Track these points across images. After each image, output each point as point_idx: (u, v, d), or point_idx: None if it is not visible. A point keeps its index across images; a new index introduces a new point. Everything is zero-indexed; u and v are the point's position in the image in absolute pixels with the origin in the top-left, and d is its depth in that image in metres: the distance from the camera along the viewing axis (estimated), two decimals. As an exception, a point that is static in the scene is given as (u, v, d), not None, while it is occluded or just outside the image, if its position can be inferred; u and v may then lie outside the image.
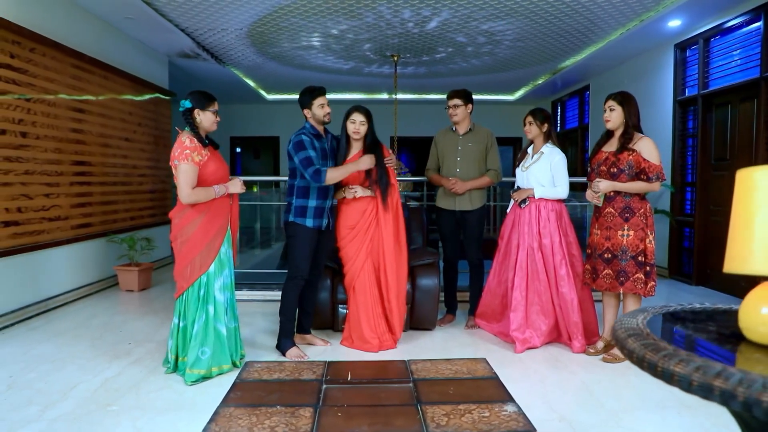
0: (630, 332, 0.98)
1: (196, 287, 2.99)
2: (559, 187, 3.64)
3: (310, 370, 1.89)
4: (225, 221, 3.07)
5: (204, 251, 2.97)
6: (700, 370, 0.81)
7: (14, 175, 4.10)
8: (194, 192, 2.92)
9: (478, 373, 1.86)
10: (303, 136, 3.36)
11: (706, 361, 0.79)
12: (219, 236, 3.02)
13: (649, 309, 1.10)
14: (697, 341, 0.98)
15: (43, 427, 2.46)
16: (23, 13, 4.18)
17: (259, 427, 1.45)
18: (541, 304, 3.60)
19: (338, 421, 1.48)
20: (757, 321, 0.95)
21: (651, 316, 1.03)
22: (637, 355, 0.92)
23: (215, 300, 3.01)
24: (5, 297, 4.03)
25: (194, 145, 2.94)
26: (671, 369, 0.83)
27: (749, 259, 0.94)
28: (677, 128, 6.05)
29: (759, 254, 0.93)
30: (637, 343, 0.93)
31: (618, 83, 7.34)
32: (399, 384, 1.77)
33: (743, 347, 0.97)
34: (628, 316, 1.05)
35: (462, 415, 1.50)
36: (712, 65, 5.54)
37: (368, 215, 3.56)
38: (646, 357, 0.89)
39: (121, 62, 5.79)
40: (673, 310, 1.13)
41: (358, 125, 3.50)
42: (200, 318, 2.96)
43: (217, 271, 3.01)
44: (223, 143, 11.42)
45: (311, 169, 3.29)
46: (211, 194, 2.96)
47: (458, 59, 7.51)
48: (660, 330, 1.01)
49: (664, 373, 0.85)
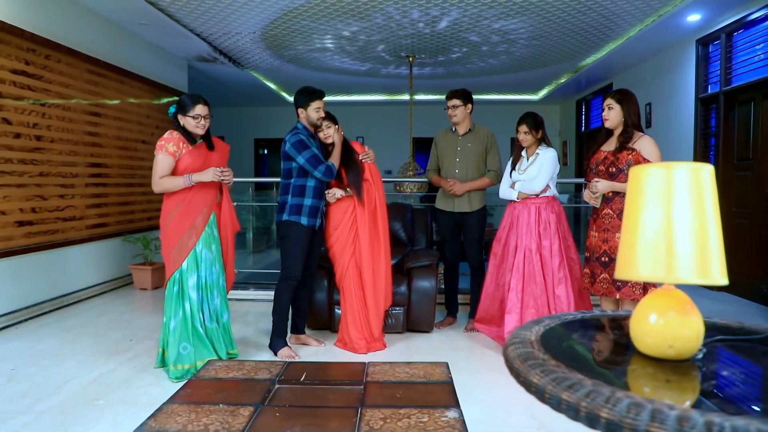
0: (518, 348, 0.94)
1: (171, 283, 3.03)
2: (536, 179, 3.54)
3: (268, 370, 1.89)
4: (200, 220, 3.06)
5: (176, 247, 3.00)
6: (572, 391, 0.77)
7: (29, 177, 4.28)
8: (161, 181, 2.97)
9: (434, 378, 1.82)
10: (300, 135, 3.38)
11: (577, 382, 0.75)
12: (192, 235, 3.03)
13: (544, 320, 1.05)
14: (585, 356, 0.93)
15: (30, 419, 2.56)
16: (39, 22, 4.36)
17: (194, 424, 1.47)
18: (537, 308, 3.51)
19: (274, 421, 1.49)
20: (645, 331, 0.90)
21: (545, 329, 0.99)
22: (516, 370, 0.88)
23: (190, 298, 3.03)
24: (19, 294, 4.20)
25: (171, 137, 2.99)
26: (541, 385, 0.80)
27: (635, 264, 0.88)
28: (699, 127, 5.81)
29: (644, 259, 0.87)
30: (524, 365, 0.89)
31: (641, 81, 7.11)
32: (350, 386, 1.76)
33: (634, 360, 0.92)
34: (522, 328, 1.01)
35: (399, 420, 1.48)
36: (734, 60, 5.31)
37: (350, 215, 3.56)
38: (520, 372, 0.85)
39: (139, 67, 5.96)
40: (572, 319, 1.08)
41: (328, 130, 3.51)
42: (177, 314, 3.01)
43: (191, 269, 3.02)
44: (247, 145, 11.64)
45: (322, 166, 3.35)
46: (178, 183, 2.96)
47: (475, 59, 7.43)
48: (554, 343, 0.96)
49: (535, 390, 0.82)
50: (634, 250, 0.88)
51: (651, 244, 0.86)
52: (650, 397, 0.71)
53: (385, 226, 3.65)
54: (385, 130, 11.07)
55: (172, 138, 2.99)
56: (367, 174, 3.61)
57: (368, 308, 3.56)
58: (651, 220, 0.87)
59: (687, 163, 0.89)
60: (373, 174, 3.64)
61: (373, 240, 3.56)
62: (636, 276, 0.89)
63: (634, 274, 0.89)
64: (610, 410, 0.68)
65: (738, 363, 0.92)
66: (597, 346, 0.97)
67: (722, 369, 0.87)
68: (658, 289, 0.93)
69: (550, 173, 3.55)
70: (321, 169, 3.35)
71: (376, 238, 3.58)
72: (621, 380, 0.81)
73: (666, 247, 0.85)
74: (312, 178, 3.41)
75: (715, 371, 0.86)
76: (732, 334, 1.10)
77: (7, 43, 4.03)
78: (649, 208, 0.87)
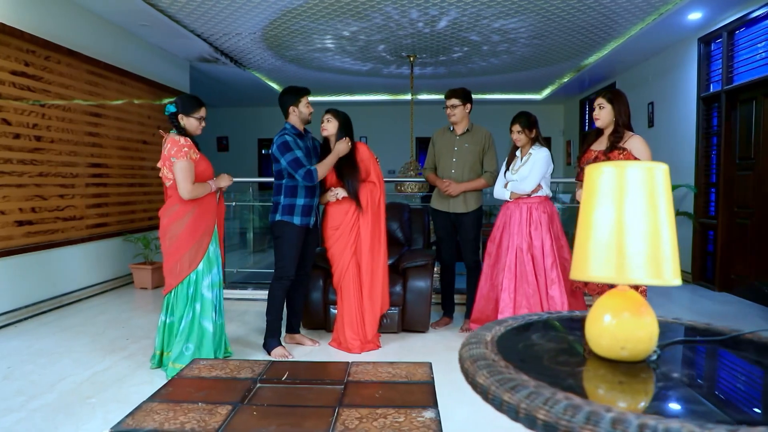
0: (472, 348, 0.94)
1: (185, 285, 3.08)
2: (527, 179, 3.53)
3: (251, 369, 1.90)
4: (212, 220, 3.14)
5: (192, 249, 3.05)
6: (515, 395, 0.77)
7: (28, 177, 4.32)
8: (195, 187, 3.02)
9: (416, 378, 1.82)
10: (286, 136, 3.38)
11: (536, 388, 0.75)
12: (207, 235, 3.10)
13: (508, 320, 1.05)
14: (539, 357, 0.92)
15: (22, 416, 2.58)
16: (39, 24, 4.40)
17: (171, 422, 1.48)
18: (530, 307, 3.50)
19: (250, 420, 1.49)
20: (599, 333, 0.89)
21: (505, 330, 0.99)
22: (469, 376, 0.88)
23: (203, 297, 3.09)
24: (19, 293, 4.25)
25: (187, 143, 3.05)
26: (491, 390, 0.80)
27: (588, 264, 0.88)
28: (701, 126, 5.76)
29: (596, 259, 0.87)
30: (473, 366, 0.89)
31: (643, 80, 7.06)
32: (331, 386, 1.76)
33: (589, 361, 0.91)
34: (483, 329, 1.01)
35: (375, 419, 1.48)
36: (736, 59, 5.26)
37: (351, 216, 3.55)
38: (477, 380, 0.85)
39: (139, 67, 6.00)
40: (536, 320, 1.07)
41: (324, 122, 3.53)
42: (188, 315, 3.06)
43: (206, 269, 3.09)
44: (251, 145, 11.68)
45: (302, 170, 3.32)
46: (208, 189, 3.09)
47: (476, 58, 7.41)
48: (510, 344, 0.96)
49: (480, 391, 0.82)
50: (586, 251, 0.88)
51: (603, 244, 0.86)
52: (591, 399, 0.71)
53: (383, 232, 3.65)
54: (387, 129, 11.07)
55: (187, 143, 3.05)
56: (374, 177, 3.61)
57: (365, 311, 3.56)
58: (603, 220, 0.86)
59: (641, 162, 0.88)
60: (378, 177, 3.63)
61: (374, 243, 3.57)
62: (588, 276, 0.88)
63: (587, 274, 0.88)
64: (547, 412, 0.68)
65: (692, 364, 0.91)
66: (554, 347, 0.97)
67: (675, 371, 0.86)
68: (613, 289, 0.92)
69: (542, 173, 3.54)
70: (301, 173, 3.32)
71: (377, 242, 3.59)
72: (566, 382, 0.80)
73: (617, 247, 0.84)
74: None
75: (667, 373, 0.85)
76: (699, 335, 1.09)
77: (6, 44, 4.08)
78: (601, 207, 0.86)
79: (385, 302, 3.66)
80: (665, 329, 1.12)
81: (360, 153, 3.60)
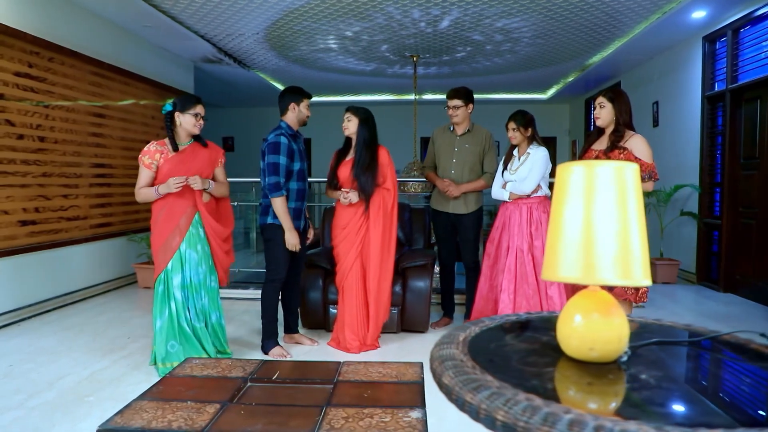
0: (443, 349, 0.94)
1: (158, 283, 3.09)
2: (527, 180, 3.51)
3: (242, 368, 1.91)
4: (184, 222, 3.10)
5: (162, 248, 3.06)
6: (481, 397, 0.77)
7: (32, 177, 4.37)
8: (139, 192, 3.10)
9: (406, 378, 1.82)
10: (282, 137, 3.36)
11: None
12: (176, 235, 3.07)
13: (485, 320, 1.04)
14: (510, 358, 0.92)
15: (21, 415, 2.61)
16: (42, 25, 4.44)
17: (158, 421, 1.49)
18: (530, 309, 3.48)
19: (237, 419, 1.50)
20: (568, 333, 0.89)
21: (480, 330, 0.98)
22: (438, 377, 0.88)
23: (174, 297, 3.07)
24: (23, 292, 4.29)
25: (148, 150, 3.08)
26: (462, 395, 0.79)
27: (558, 264, 0.87)
28: (706, 125, 5.71)
29: (565, 259, 0.86)
30: (441, 366, 0.89)
31: (648, 79, 7.01)
32: (321, 385, 1.77)
33: (560, 363, 0.91)
34: (458, 329, 1.01)
35: (361, 419, 1.48)
36: (741, 57, 5.20)
37: (360, 216, 3.54)
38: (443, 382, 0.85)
39: (143, 68, 6.04)
40: (514, 321, 1.07)
41: (345, 121, 3.53)
42: (163, 313, 3.06)
43: (175, 269, 3.07)
44: (256, 145, 11.71)
45: (272, 179, 3.27)
46: (151, 194, 3.06)
47: (480, 58, 7.39)
48: (482, 344, 0.96)
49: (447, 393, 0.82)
50: (556, 251, 0.87)
51: (573, 244, 0.85)
52: (555, 401, 0.71)
53: (393, 237, 3.61)
54: (391, 129, 11.05)
55: (148, 151, 3.08)
56: (389, 183, 3.57)
57: (369, 316, 3.55)
58: (573, 219, 0.85)
59: (612, 162, 0.88)
60: (393, 184, 3.59)
61: (384, 251, 3.54)
62: (557, 277, 0.88)
63: (556, 274, 0.87)
64: (506, 412, 0.68)
65: (663, 366, 0.90)
66: (525, 347, 0.96)
67: (644, 372, 0.85)
68: (584, 290, 0.92)
69: (542, 173, 3.52)
70: (269, 181, 3.27)
71: (387, 251, 3.56)
72: (531, 383, 0.80)
73: (586, 247, 0.84)
74: (293, 180, 3.40)
75: (636, 374, 0.85)
76: (677, 337, 1.08)
77: (9, 46, 4.12)
78: (571, 207, 0.86)
79: (387, 312, 3.67)
80: (643, 330, 1.11)
81: (381, 158, 3.56)
